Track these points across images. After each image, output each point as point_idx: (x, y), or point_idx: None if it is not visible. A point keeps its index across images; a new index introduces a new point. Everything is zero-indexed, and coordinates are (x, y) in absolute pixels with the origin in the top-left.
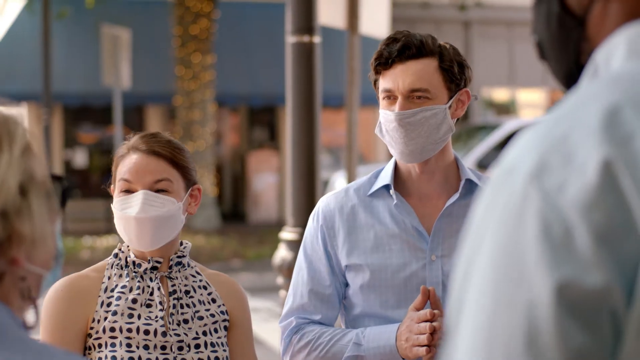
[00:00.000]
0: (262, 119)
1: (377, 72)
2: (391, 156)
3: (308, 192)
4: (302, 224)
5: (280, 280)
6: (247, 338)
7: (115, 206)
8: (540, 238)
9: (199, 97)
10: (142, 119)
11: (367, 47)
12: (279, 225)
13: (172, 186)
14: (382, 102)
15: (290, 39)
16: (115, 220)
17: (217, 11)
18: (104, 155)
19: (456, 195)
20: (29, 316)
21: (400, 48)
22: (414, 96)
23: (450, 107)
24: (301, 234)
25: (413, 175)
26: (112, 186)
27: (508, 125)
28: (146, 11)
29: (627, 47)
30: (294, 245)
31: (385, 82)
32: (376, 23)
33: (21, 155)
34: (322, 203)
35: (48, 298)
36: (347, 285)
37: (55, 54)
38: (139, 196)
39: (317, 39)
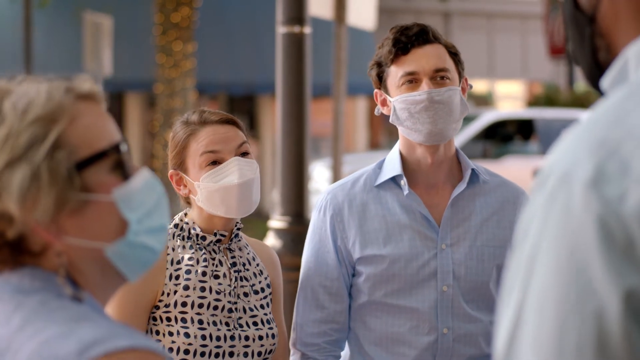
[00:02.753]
0: (242, 108)
1: (393, 59)
2: (373, 146)
3: (297, 181)
4: (290, 212)
5: None
6: (280, 306)
7: (206, 180)
8: (604, 246)
9: (179, 85)
10: (123, 107)
11: (353, 38)
12: (260, 214)
13: (249, 148)
14: (401, 88)
15: (281, 30)
16: (205, 195)
17: None
18: None
19: (463, 185)
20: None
21: (418, 32)
22: (438, 76)
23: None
24: (290, 223)
25: (422, 164)
26: (175, 173)
27: (485, 117)
28: None
29: None
30: (282, 234)
31: (406, 66)
32: (363, 14)
33: (29, 125)
34: (329, 195)
35: None
36: (354, 275)
37: (36, 41)
38: (233, 163)
39: (307, 30)
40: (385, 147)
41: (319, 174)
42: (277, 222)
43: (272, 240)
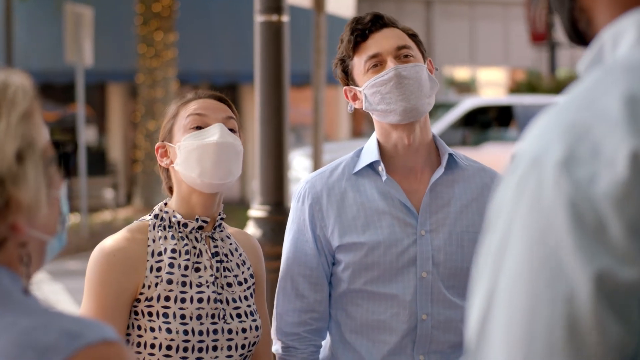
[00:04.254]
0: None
1: (354, 48)
2: (355, 134)
3: (277, 170)
4: (270, 202)
5: None
6: (263, 296)
7: (188, 139)
8: (574, 228)
9: (161, 75)
10: (104, 97)
11: (332, 26)
12: (242, 203)
13: (237, 128)
14: (368, 74)
15: (259, 18)
16: (184, 156)
17: None
18: (66, 132)
19: (441, 170)
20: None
21: (373, 18)
22: (401, 55)
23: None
24: (269, 212)
25: (400, 149)
26: (161, 145)
27: (465, 103)
28: None
29: (637, 32)
30: (262, 223)
31: (368, 51)
32: (342, 2)
33: (20, 121)
34: (308, 184)
35: (99, 263)
36: (334, 264)
37: (17, 32)
38: (217, 127)
39: (285, 18)
40: (368, 136)
41: (298, 162)
42: (257, 211)
43: (252, 229)
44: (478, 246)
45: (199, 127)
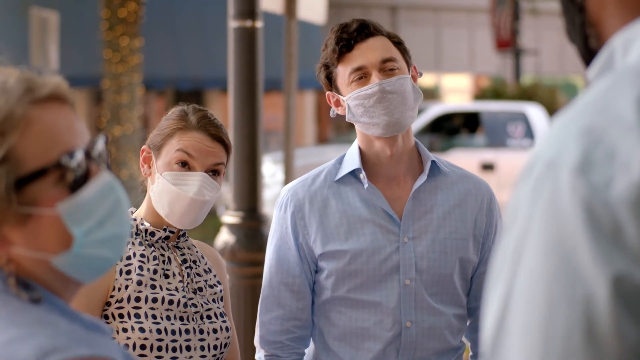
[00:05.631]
0: (189, 103)
1: (339, 58)
2: (321, 140)
3: (250, 176)
4: (244, 207)
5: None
6: (229, 305)
7: (167, 178)
8: (591, 232)
9: (126, 81)
10: None
11: (303, 32)
12: (212, 209)
13: (223, 170)
14: (352, 85)
15: (233, 24)
16: (158, 191)
17: None
18: None
19: (423, 177)
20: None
21: (359, 27)
22: (387, 67)
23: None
24: (243, 218)
25: (382, 158)
26: (148, 150)
27: (432, 110)
28: None
29: None
30: (236, 229)
31: (353, 63)
32: (313, 8)
33: None
34: (290, 192)
35: None
36: (317, 272)
37: None
38: (198, 177)
39: (259, 24)
40: (333, 142)
41: (266, 169)
42: (230, 217)
43: (225, 236)
44: (460, 253)
45: (184, 164)
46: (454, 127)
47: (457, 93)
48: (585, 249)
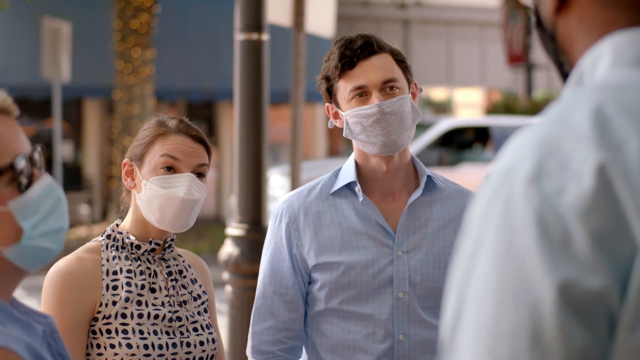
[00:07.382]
0: (200, 114)
1: (341, 74)
2: (332, 153)
3: (255, 189)
4: (248, 220)
5: (226, 275)
6: (215, 314)
7: (155, 182)
8: (540, 240)
9: (138, 92)
10: (81, 113)
11: (311, 45)
12: (217, 220)
13: (207, 172)
14: (352, 102)
15: (239, 37)
16: (146, 198)
17: (157, 6)
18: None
19: (419, 192)
20: None
21: (362, 45)
22: (387, 87)
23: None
24: (247, 230)
25: (378, 173)
26: (129, 163)
27: (442, 124)
28: (87, 5)
29: (612, 55)
30: (240, 241)
31: (354, 81)
32: (321, 21)
33: None
34: (285, 204)
35: (56, 284)
36: (310, 283)
37: None
38: (185, 178)
39: (265, 37)
40: (345, 154)
41: (275, 181)
42: (234, 229)
43: (229, 248)
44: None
45: (169, 168)
46: (463, 142)
47: (469, 107)
48: (533, 256)
